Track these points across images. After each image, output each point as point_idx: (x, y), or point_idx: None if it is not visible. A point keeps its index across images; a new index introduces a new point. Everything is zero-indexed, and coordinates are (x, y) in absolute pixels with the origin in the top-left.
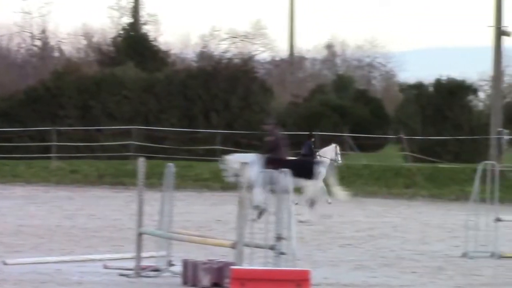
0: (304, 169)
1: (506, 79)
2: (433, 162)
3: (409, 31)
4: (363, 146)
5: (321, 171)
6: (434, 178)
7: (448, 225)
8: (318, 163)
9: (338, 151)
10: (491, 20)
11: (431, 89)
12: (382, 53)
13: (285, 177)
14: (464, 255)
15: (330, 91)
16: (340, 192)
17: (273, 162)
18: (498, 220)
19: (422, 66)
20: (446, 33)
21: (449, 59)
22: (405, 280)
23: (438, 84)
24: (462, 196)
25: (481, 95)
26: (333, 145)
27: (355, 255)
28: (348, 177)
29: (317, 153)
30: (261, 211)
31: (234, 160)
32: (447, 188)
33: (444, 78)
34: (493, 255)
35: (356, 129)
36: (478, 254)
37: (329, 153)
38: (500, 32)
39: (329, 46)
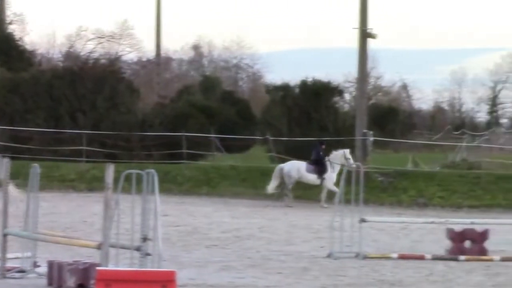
0: None
1: (371, 80)
2: None
3: (275, 31)
4: (230, 147)
5: (331, 176)
6: None
7: (314, 226)
8: None
9: (348, 156)
10: (356, 22)
11: (297, 90)
12: (249, 54)
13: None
14: (329, 255)
15: (197, 92)
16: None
17: None
18: (363, 220)
19: (288, 67)
20: (312, 34)
21: (315, 60)
22: (271, 280)
23: (304, 85)
24: (328, 197)
25: (347, 96)
26: (343, 150)
27: (221, 256)
28: (215, 178)
29: (327, 159)
30: None
31: None
32: (313, 189)
33: (309, 79)
34: (357, 256)
35: (223, 130)
36: (343, 255)
37: (338, 158)
38: (365, 34)
39: (196, 47)
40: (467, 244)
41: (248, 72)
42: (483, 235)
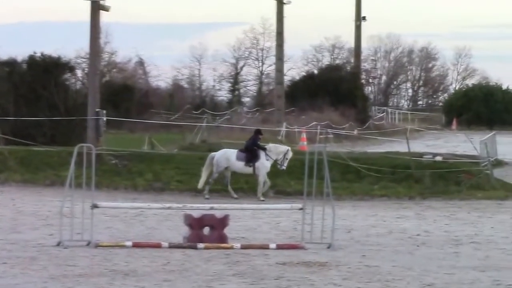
0: None
1: (105, 56)
2: (27, 144)
3: (2, 2)
4: None
5: (263, 163)
6: (27, 162)
7: (43, 212)
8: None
9: (288, 156)
10: None
11: (24, 66)
12: None
13: None
14: (59, 244)
15: None
16: None
17: None
18: (95, 206)
19: (15, 42)
20: (41, 6)
21: (45, 35)
22: None
23: (32, 61)
24: (57, 181)
25: (79, 73)
26: (287, 147)
27: None
28: None
29: (267, 148)
30: None
31: None
32: (42, 173)
33: (38, 55)
34: (89, 244)
35: None
36: (73, 243)
37: (276, 152)
38: (97, 6)
39: None
40: (206, 231)
41: None
42: (223, 221)
